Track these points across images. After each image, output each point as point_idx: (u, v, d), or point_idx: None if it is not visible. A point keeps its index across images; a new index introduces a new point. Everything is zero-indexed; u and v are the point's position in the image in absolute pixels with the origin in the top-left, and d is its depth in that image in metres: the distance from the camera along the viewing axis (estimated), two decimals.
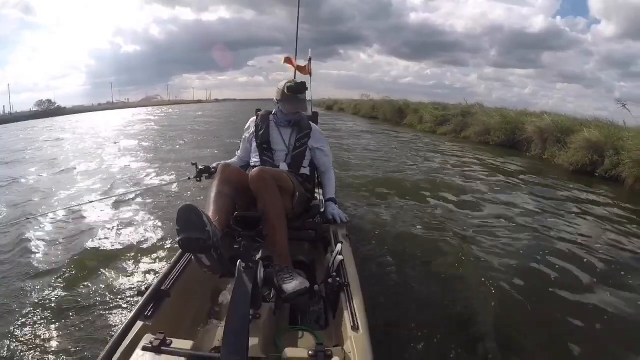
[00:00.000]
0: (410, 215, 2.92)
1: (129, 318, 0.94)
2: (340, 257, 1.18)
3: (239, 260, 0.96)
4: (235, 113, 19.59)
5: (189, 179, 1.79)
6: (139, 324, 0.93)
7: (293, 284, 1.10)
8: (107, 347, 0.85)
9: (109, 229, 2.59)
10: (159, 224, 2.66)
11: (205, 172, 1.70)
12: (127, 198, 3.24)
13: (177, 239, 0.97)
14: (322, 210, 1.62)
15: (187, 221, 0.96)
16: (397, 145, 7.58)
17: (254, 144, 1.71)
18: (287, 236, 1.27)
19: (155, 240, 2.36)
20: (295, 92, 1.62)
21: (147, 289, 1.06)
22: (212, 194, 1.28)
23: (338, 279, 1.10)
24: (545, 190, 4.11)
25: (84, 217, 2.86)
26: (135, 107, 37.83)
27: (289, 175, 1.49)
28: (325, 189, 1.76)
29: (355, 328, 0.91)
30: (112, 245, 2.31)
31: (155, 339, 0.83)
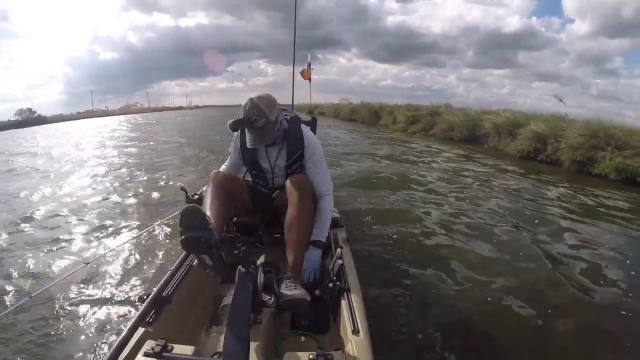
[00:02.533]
0: (405, 215, 2.78)
1: (130, 324, 0.90)
2: (340, 262, 1.13)
3: (239, 266, 0.94)
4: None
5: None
6: (141, 330, 0.89)
7: (294, 292, 1.03)
8: (109, 353, 0.81)
9: (106, 244, 2.42)
10: (156, 232, 2.53)
11: (199, 203, 1.49)
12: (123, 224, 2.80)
13: (180, 238, 0.94)
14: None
15: (190, 221, 0.94)
16: (372, 142, 7.84)
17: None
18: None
19: (155, 249, 2.23)
20: (235, 129, 1.23)
21: (148, 295, 1.01)
22: (208, 201, 1.23)
23: (338, 283, 1.06)
24: (497, 170, 4.96)
25: (80, 234, 2.67)
26: (116, 114, 35.23)
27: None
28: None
29: (355, 332, 0.88)
30: (110, 254, 2.15)
31: (157, 345, 0.80)
